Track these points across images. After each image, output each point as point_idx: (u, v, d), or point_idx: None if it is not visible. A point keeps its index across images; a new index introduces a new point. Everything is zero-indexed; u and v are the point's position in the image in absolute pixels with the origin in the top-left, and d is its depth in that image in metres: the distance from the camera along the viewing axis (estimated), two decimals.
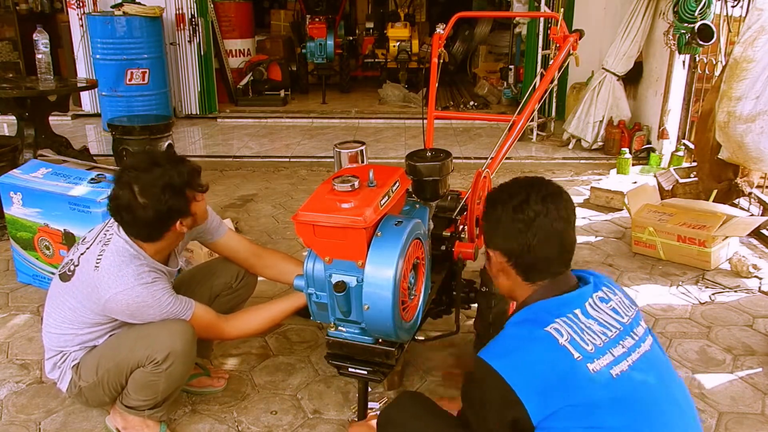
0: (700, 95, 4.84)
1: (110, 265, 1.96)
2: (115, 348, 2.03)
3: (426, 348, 2.72)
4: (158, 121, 4.58)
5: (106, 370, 2.03)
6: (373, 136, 6.51)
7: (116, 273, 1.95)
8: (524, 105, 2.69)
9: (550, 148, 5.87)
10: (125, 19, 5.99)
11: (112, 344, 2.05)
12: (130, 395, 2.06)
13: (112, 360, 2.02)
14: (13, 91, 4.24)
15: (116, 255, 1.98)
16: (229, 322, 2.17)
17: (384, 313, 1.80)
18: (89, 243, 2.08)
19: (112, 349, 2.04)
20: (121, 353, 2.01)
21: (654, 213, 3.65)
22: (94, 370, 2.04)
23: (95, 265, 1.98)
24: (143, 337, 1.99)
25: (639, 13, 5.26)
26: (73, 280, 2.04)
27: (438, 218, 2.40)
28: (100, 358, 2.04)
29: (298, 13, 9.75)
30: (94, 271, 1.97)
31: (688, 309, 3.06)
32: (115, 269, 1.95)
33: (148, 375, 1.99)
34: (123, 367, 2.01)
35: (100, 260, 1.98)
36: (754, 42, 3.23)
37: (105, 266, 1.97)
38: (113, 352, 2.03)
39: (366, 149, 2.50)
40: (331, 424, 2.27)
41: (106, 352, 2.05)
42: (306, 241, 1.85)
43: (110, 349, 2.04)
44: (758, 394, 2.42)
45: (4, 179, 3.19)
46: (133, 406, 2.08)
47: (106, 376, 2.03)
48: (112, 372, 2.02)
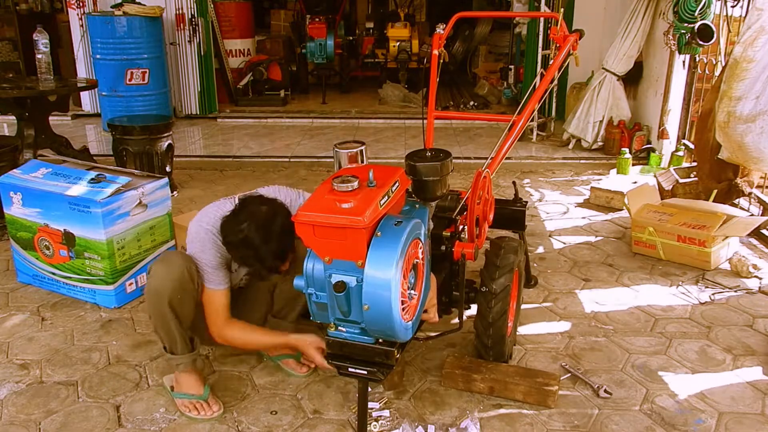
0: (700, 95, 4.84)
1: (209, 208, 2.29)
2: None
3: (426, 348, 2.72)
4: (158, 121, 4.58)
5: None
6: (373, 136, 6.51)
7: (204, 212, 2.28)
8: (524, 105, 2.69)
9: (550, 148, 5.87)
10: (125, 19, 5.99)
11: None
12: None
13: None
14: (13, 91, 4.24)
15: (218, 207, 2.27)
16: (227, 326, 2.33)
17: (384, 313, 1.80)
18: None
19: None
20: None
21: (654, 213, 3.65)
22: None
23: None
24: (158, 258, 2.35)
25: (639, 13, 5.26)
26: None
27: (438, 218, 2.40)
28: None
29: (298, 13, 9.76)
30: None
31: (688, 309, 3.07)
32: (207, 210, 2.28)
33: (145, 292, 2.28)
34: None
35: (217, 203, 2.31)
36: (754, 42, 3.23)
37: (214, 205, 2.30)
38: None
39: (366, 149, 2.50)
40: (331, 424, 2.27)
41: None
42: (306, 241, 1.85)
43: None
44: (758, 394, 2.42)
45: (4, 179, 3.19)
46: (161, 343, 2.35)
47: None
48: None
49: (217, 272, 2.26)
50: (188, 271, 2.21)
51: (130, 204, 3.05)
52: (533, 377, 2.39)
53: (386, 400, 2.39)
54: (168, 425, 2.27)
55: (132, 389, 2.47)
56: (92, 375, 2.56)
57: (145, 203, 3.13)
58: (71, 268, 3.12)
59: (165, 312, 2.21)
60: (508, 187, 4.92)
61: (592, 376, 2.51)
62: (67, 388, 2.47)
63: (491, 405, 2.36)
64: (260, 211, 2.11)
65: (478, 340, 2.48)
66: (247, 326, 2.38)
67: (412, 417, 2.30)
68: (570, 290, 3.27)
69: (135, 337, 2.84)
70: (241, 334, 2.35)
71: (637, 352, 2.70)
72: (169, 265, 2.21)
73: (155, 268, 2.24)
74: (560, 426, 2.25)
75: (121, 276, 3.07)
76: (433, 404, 2.37)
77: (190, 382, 2.34)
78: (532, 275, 3.32)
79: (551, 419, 2.28)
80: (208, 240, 2.22)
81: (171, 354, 2.31)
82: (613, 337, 2.82)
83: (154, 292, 2.21)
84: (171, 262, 2.24)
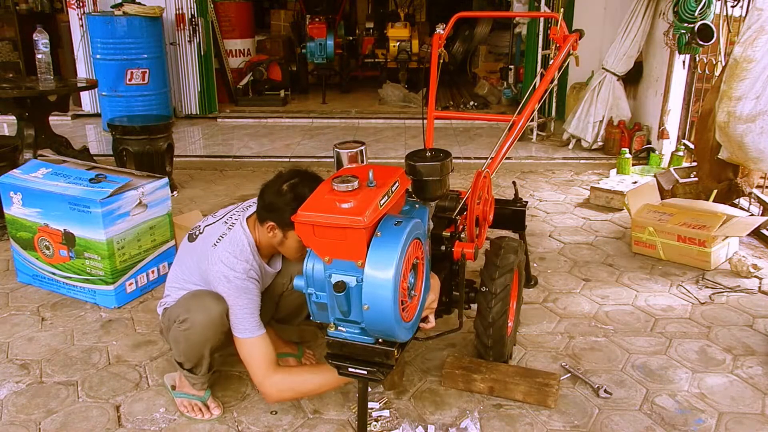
0: (700, 95, 4.84)
1: (224, 251, 2.17)
2: (175, 301, 2.29)
3: (426, 348, 2.72)
4: (158, 121, 4.58)
5: (168, 317, 2.28)
6: (373, 136, 6.51)
7: (226, 259, 2.15)
8: (524, 105, 2.69)
9: (550, 148, 5.87)
10: (125, 19, 5.99)
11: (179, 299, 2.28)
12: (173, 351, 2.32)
13: (170, 310, 2.28)
14: (13, 91, 4.24)
15: (233, 245, 2.18)
16: (274, 379, 2.15)
17: (384, 313, 1.80)
18: (218, 218, 2.32)
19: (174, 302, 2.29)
20: (173, 307, 2.26)
21: (654, 213, 3.65)
22: (167, 316, 2.29)
23: (214, 243, 2.20)
24: (188, 299, 2.21)
25: (639, 13, 5.26)
26: (196, 244, 2.29)
27: (438, 218, 2.40)
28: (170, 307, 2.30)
29: (298, 13, 9.76)
30: (212, 247, 2.20)
31: (688, 309, 3.06)
32: (227, 256, 2.16)
33: (174, 330, 2.20)
34: (170, 318, 2.24)
35: (219, 241, 2.20)
36: (754, 42, 3.23)
37: (220, 248, 2.18)
38: (173, 305, 2.28)
39: (366, 149, 2.50)
40: (331, 424, 2.27)
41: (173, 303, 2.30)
42: (306, 241, 1.85)
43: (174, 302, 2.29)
44: (758, 394, 2.42)
45: (4, 179, 3.19)
46: (178, 362, 2.30)
47: (167, 321, 2.29)
48: (168, 320, 2.28)
49: (254, 318, 2.15)
50: (224, 314, 2.14)
51: (130, 204, 3.05)
52: (533, 377, 2.39)
53: (386, 400, 2.39)
54: (168, 425, 2.27)
55: (132, 389, 2.47)
56: (92, 375, 2.56)
57: (145, 203, 3.13)
58: (71, 268, 3.12)
59: (207, 355, 2.23)
60: (508, 187, 4.92)
61: (592, 376, 2.51)
62: (67, 388, 2.47)
63: (491, 405, 2.36)
64: (305, 172, 2.18)
65: (478, 340, 2.48)
66: (293, 371, 2.33)
67: (412, 417, 2.30)
68: (570, 290, 3.27)
69: (135, 337, 2.84)
70: (291, 384, 2.18)
71: (637, 352, 2.70)
72: (208, 314, 2.13)
73: (193, 319, 2.13)
74: (560, 426, 2.25)
75: (121, 276, 3.07)
76: (433, 404, 2.37)
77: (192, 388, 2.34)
78: (532, 275, 3.32)
79: (551, 419, 2.28)
80: (241, 286, 2.13)
81: (189, 372, 2.29)
82: (613, 337, 2.82)
83: (197, 342, 2.17)
84: (207, 309, 2.13)
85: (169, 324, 2.24)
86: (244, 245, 2.18)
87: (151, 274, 3.25)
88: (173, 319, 2.20)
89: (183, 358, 2.26)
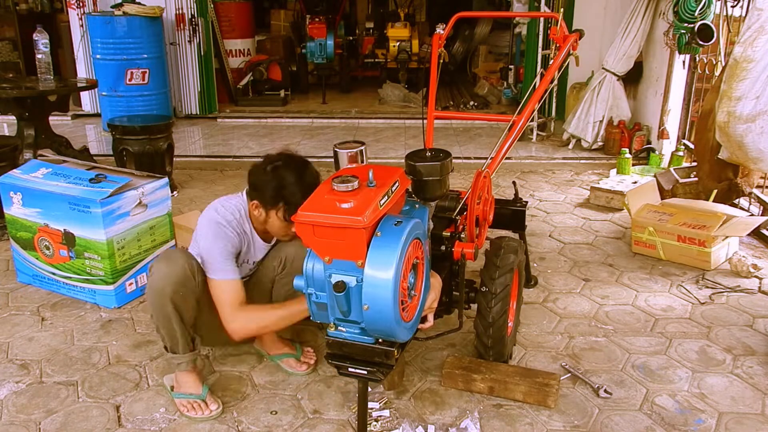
0: (700, 95, 4.84)
1: (217, 202, 2.34)
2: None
3: (426, 348, 2.72)
4: (158, 121, 4.58)
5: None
6: (373, 136, 6.51)
7: (215, 207, 2.31)
8: (524, 105, 2.69)
9: (550, 148, 5.87)
10: (125, 19, 5.99)
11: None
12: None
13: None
14: (13, 91, 4.24)
15: (228, 200, 2.35)
16: (240, 312, 2.24)
17: (384, 313, 1.80)
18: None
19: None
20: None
21: (654, 213, 3.65)
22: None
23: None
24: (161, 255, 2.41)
25: (639, 13, 5.26)
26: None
27: (438, 218, 2.40)
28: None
29: (298, 13, 9.76)
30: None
31: (688, 309, 3.06)
32: (218, 206, 2.31)
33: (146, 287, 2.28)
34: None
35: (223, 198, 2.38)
36: (754, 42, 3.23)
37: (215, 201, 2.36)
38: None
39: (366, 149, 2.50)
40: (331, 424, 2.27)
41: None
42: (305, 241, 1.85)
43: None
44: (758, 394, 2.42)
45: (4, 179, 3.19)
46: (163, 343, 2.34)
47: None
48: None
49: (228, 262, 2.25)
50: (189, 268, 2.21)
51: (130, 204, 3.05)
52: (533, 377, 2.39)
53: (386, 400, 2.39)
54: (168, 425, 2.27)
55: (132, 389, 2.47)
56: (92, 375, 2.56)
57: (145, 203, 3.13)
58: (71, 268, 3.12)
59: (167, 310, 2.21)
60: (508, 187, 4.92)
61: (592, 376, 2.51)
62: (67, 388, 2.47)
63: (491, 405, 2.36)
64: (292, 155, 2.27)
65: (478, 340, 2.48)
66: (259, 306, 2.35)
67: (412, 417, 2.30)
68: (570, 290, 3.27)
69: (135, 337, 2.84)
70: (256, 316, 2.27)
71: (637, 352, 2.70)
72: (170, 262, 2.22)
73: (156, 265, 2.24)
74: (560, 426, 2.25)
75: (121, 276, 3.07)
76: (433, 404, 2.37)
77: (189, 381, 2.35)
78: (532, 275, 3.32)
79: (551, 419, 2.28)
80: (219, 231, 2.25)
81: (172, 353, 2.32)
82: (613, 337, 2.82)
83: (156, 289, 2.20)
84: (172, 258, 2.24)
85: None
86: (238, 205, 2.33)
87: None
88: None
89: (155, 321, 2.29)
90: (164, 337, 2.31)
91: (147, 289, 2.27)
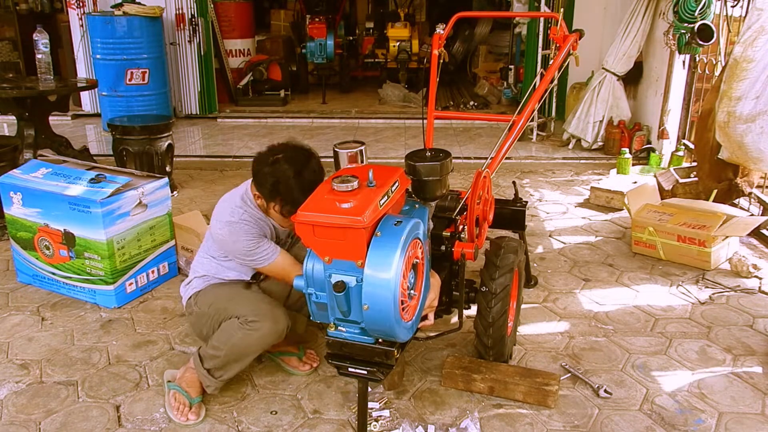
0: (700, 95, 4.84)
1: (223, 199, 2.37)
2: (231, 297, 2.37)
3: (426, 348, 2.72)
4: (158, 121, 4.58)
5: (217, 308, 2.36)
6: (373, 136, 6.51)
7: (220, 205, 2.34)
8: (524, 105, 2.69)
9: (550, 148, 5.87)
10: (125, 19, 5.99)
11: (230, 293, 2.39)
12: (210, 341, 2.34)
13: (224, 303, 2.35)
14: (13, 91, 4.24)
15: (232, 193, 2.38)
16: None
17: (384, 313, 1.80)
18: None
19: (228, 296, 2.38)
20: (233, 302, 2.34)
21: (654, 213, 3.65)
22: (208, 303, 2.38)
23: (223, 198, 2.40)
24: (253, 301, 2.33)
25: (639, 13, 5.26)
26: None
27: (438, 218, 2.40)
28: (216, 297, 2.38)
29: (298, 13, 9.76)
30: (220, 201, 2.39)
31: (688, 309, 3.06)
32: (223, 202, 2.34)
33: (235, 325, 2.26)
34: (229, 312, 2.31)
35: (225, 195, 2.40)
36: (754, 42, 3.23)
37: (222, 198, 2.38)
38: (228, 299, 2.36)
39: (366, 149, 2.50)
40: (331, 424, 2.27)
41: (223, 295, 2.38)
42: (305, 241, 1.85)
43: (227, 295, 2.38)
44: (758, 394, 2.42)
45: (4, 179, 3.19)
46: (201, 358, 2.34)
47: (214, 311, 2.36)
48: (220, 311, 2.34)
49: (262, 247, 2.26)
50: (288, 326, 2.30)
51: (130, 204, 3.05)
52: (533, 377, 2.38)
53: (386, 400, 2.39)
54: (168, 425, 2.27)
55: (132, 389, 2.47)
56: (92, 375, 2.56)
57: (145, 203, 3.13)
58: (71, 268, 3.12)
59: (247, 360, 2.33)
60: (508, 187, 4.92)
61: (592, 376, 2.51)
62: (67, 388, 2.47)
63: (491, 405, 2.36)
64: (296, 148, 2.24)
65: (478, 340, 2.48)
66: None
67: (412, 417, 2.30)
68: (570, 290, 3.27)
69: (135, 337, 2.84)
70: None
71: (637, 352, 2.70)
72: (277, 324, 2.26)
73: (264, 323, 2.23)
74: (560, 426, 2.25)
75: (121, 276, 3.07)
76: (433, 404, 2.37)
77: (192, 382, 2.35)
78: (532, 275, 3.32)
79: (551, 419, 2.28)
80: (234, 229, 2.25)
81: (210, 376, 2.32)
82: (613, 337, 2.82)
83: (255, 347, 2.28)
84: (279, 321, 2.27)
85: (224, 317, 2.31)
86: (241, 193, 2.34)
87: (151, 274, 3.25)
88: (234, 315, 2.27)
89: (221, 353, 2.27)
90: (218, 367, 2.31)
91: (242, 335, 2.24)
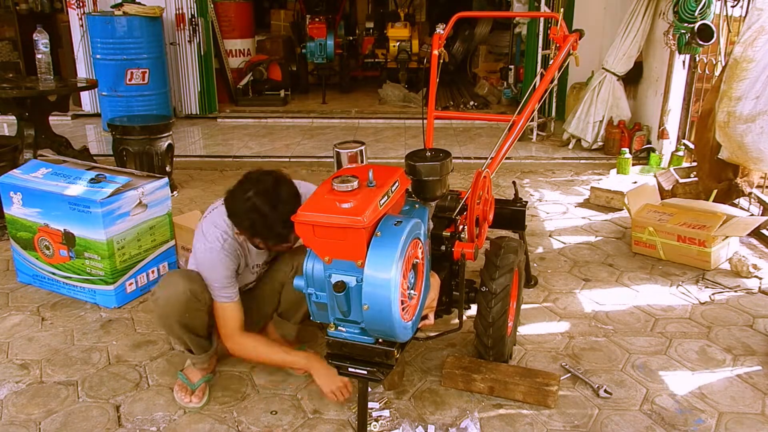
0: (700, 95, 4.84)
1: (205, 221, 2.33)
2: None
3: (426, 348, 2.72)
4: (158, 121, 4.58)
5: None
6: (373, 136, 6.51)
7: (202, 230, 2.31)
8: (524, 105, 2.69)
9: (550, 148, 5.87)
10: (125, 19, 5.99)
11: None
12: None
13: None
14: (13, 91, 4.24)
15: (215, 215, 2.31)
16: (238, 339, 2.36)
17: (384, 313, 1.80)
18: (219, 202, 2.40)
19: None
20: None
21: (654, 213, 3.65)
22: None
23: (204, 215, 2.38)
24: (165, 276, 2.38)
25: (639, 13, 5.26)
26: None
27: (438, 218, 2.40)
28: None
29: (298, 13, 9.75)
30: (202, 218, 2.38)
31: (688, 309, 3.06)
32: (205, 226, 2.30)
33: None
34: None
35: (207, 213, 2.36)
36: (754, 42, 3.23)
37: (204, 220, 2.34)
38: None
39: (366, 149, 2.50)
40: (331, 424, 2.27)
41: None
42: (306, 241, 1.85)
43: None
44: (758, 394, 2.42)
45: (4, 179, 3.19)
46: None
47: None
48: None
49: (227, 289, 2.29)
50: (192, 291, 2.24)
51: (130, 204, 3.05)
52: (533, 377, 2.38)
53: (386, 400, 2.39)
54: (168, 425, 2.27)
55: (132, 389, 2.47)
56: (92, 375, 2.56)
57: (145, 203, 3.13)
58: (71, 268, 3.12)
59: (177, 330, 2.31)
60: (508, 187, 4.92)
61: (592, 376, 2.51)
62: (67, 388, 2.47)
63: (491, 405, 2.36)
64: (264, 180, 2.17)
65: (478, 340, 2.48)
66: (260, 340, 2.44)
67: (412, 417, 2.30)
68: (570, 290, 3.27)
69: (135, 337, 2.84)
70: (253, 348, 2.38)
71: (637, 352, 2.70)
72: (171, 288, 2.25)
73: (158, 291, 2.27)
74: (560, 426, 2.25)
75: (121, 276, 3.07)
76: (433, 404, 2.37)
77: (191, 369, 2.45)
78: (532, 275, 3.32)
79: (551, 419, 2.28)
80: (216, 258, 2.25)
81: (189, 353, 2.41)
82: (613, 337, 2.82)
83: (161, 315, 2.30)
84: (172, 284, 2.26)
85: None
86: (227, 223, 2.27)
87: (151, 274, 3.25)
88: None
89: (165, 332, 2.39)
90: (179, 344, 2.43)
91: (154, 315, 2.33)
